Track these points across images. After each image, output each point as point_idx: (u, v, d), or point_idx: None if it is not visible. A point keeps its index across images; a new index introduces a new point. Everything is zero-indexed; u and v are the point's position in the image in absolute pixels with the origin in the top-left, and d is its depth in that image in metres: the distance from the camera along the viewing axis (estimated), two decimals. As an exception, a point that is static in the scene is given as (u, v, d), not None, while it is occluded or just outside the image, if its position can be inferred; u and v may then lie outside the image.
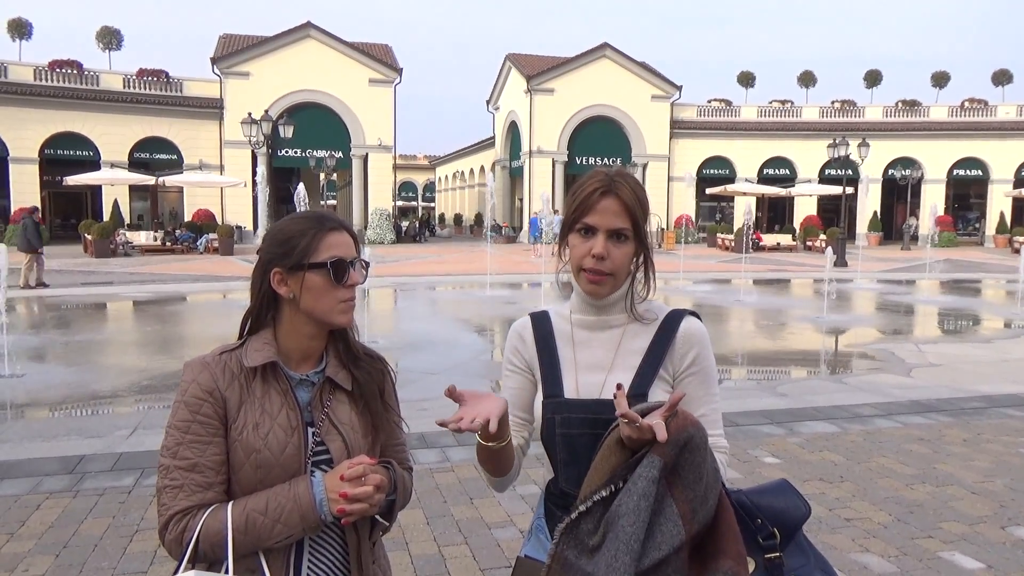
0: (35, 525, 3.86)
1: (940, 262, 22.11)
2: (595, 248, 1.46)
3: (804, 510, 1.43)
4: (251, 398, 1.42)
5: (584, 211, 1.47)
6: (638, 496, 1.24)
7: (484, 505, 4.16)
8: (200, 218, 30.46)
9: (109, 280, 17.83)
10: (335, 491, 1.35)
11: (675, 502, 1.26)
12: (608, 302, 1.54)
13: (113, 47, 34.17)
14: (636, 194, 1.49)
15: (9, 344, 8.12)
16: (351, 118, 33.59)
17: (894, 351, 9.58)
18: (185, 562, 1.32)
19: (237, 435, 1.39)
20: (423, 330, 11.21)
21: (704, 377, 1.53)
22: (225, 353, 1.46)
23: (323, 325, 1.48)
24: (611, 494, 1.29)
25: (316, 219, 1.48)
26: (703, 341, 1.54)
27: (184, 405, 1.40)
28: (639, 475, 1.26)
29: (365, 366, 1.55)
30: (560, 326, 1.61)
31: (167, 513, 1.36)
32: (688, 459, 1.28)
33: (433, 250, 31.01)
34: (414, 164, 69.78)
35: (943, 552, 3.60)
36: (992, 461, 4.97)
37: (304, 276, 1.43)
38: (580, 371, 1.54)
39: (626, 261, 1.50)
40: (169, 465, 1.38)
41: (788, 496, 1.44)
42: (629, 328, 1.55)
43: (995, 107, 39.40)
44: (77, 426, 6.11)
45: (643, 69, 37.65)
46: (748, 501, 1.41)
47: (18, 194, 29.69)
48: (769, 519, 1.39)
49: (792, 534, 1.40)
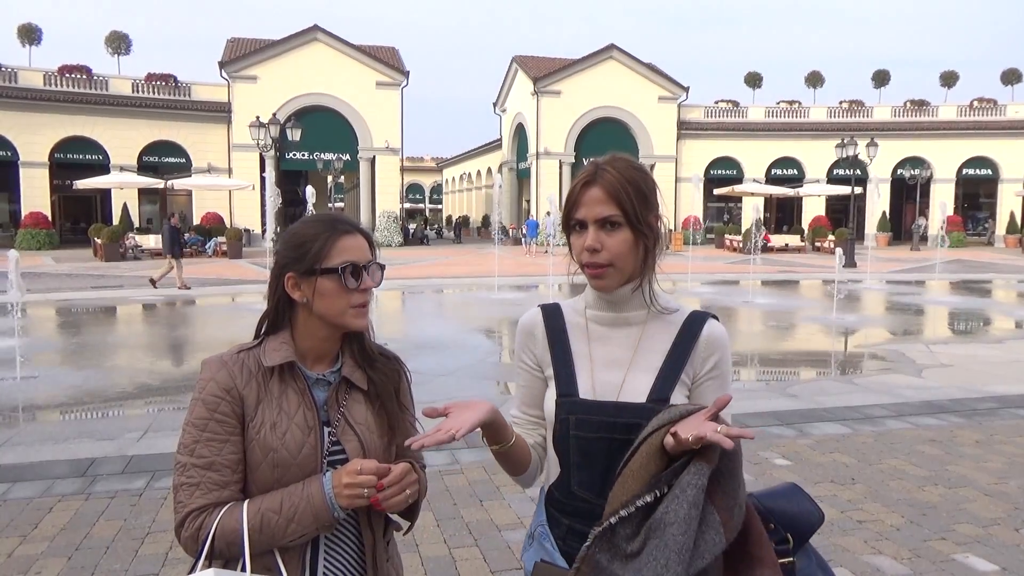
0: (47, 528, 3.88)
1: (950, 262, 22.00)
2: (587, 240, 1.40)
3: (817, 515, 1.40)
4: (269, 397, 1.42)
5: (573, 207, 1.42)
6: (688, 504, 1.21)
7: (494, 507, 4.16)
8: (209, 221, 30.60)
9: (119, 284, 17.93)
10: (340, 486, 1.35)
11: (716, 510, 1.23)
12: (621, 296, 1.45)
13: (122, 52, 34.35)
14: (623, 176, 1.40)
15: (21, 347, 8.17)
16: (358, 121, 33.68)
17: (904, 352, 9.52)
18: (202, 559, 1.33)
19: (255, 434, 1.40)
20: (432, 332, 11.22)
21: (722, 382, 1.47)
22: (243, 352, 1.47)
23: (337, 328, 1.48)
24: (655, 500, 1.26)
25: (329, 222, 1.47)
26: (725, 346, 1.47)
27: (202, 403, 1.40)
28: (688, 483, 1.23)
29: (381, 366, 1.55)
30: (573, 319, 1.52)
31: (183, 511, 1.36)
32: (727, 465, 1.26)
33: (440, 252, 31.04)
34: (421, 166, 69.93)
35: (956, 554, 3.58)
36: (1005, 462, 4.93)
37: (316, 281, 1.42)
38: (596, 368, 1.46)
39: (624, 248, 1.40)
40: (186, 463, 1.38)
41: (800, 501, 1.41)
42: (649, 325, 1.47)
43: (1004, 106, 39.20)
44: (88, 429, 6.14)
45: (650, 70, 37.61)
46: (760, 505, 1.38)
47: (28, 198, 29.92)
48: (782, 524, 1.37)
49: (805, 539, 1.38)
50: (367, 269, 1.46)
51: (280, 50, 33.01)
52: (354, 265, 1.43)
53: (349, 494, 1.35)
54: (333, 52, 33.50)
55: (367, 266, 1.46)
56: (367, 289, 1.45)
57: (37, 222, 28.58)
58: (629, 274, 1.44)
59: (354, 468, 1.36)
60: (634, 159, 1.48)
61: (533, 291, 17.51)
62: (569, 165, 36.52)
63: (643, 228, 1.41)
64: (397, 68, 34.67)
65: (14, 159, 29.91)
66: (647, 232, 1.42)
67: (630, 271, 1.43)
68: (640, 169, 1.45)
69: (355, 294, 1.44)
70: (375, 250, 1.51)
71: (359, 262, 1.44)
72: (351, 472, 1.35)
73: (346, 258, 1.43)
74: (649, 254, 1.44)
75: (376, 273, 1.47)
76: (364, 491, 1.34)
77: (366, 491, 1.34)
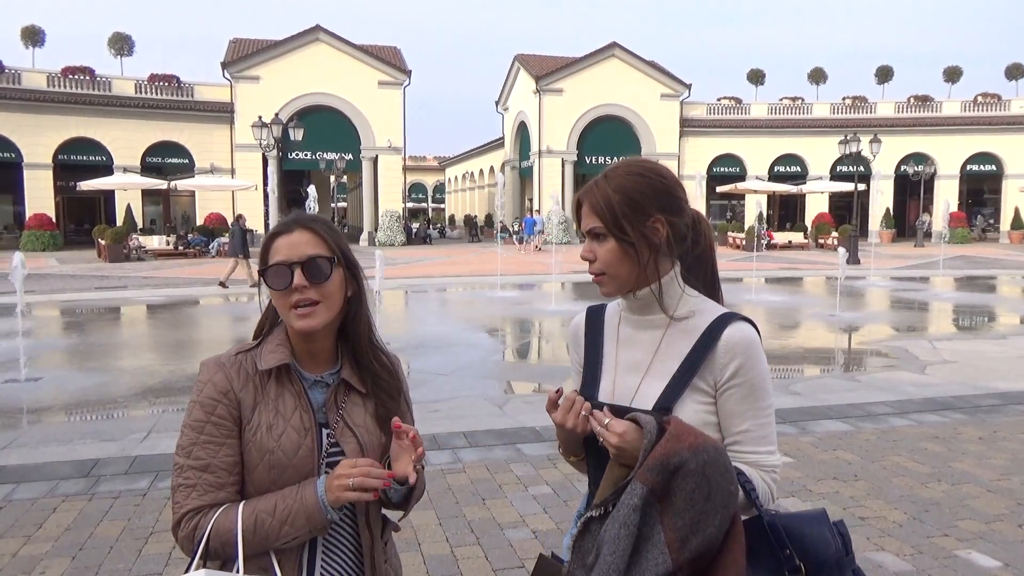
0: (52, 528, 3.89)
1: (954, 259, 21.94)
2: (584, 250, 1.48)
3: (832, 548, 1.33)
4: (265, 399, 1.43)
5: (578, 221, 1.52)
6: (619, 525, 1.23)
7: (496, 506, 4.17)
8: (212, 222, 30.64)
9: (123, 284, 17.97)
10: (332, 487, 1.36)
11: (663, 529, 1.23)
12: (644, 299, 1.45)
13: (125, 53, 34.39)
14: (614, 186, 1.41)
15: (25, 348, 8.20)
16: (361, 120, 33.69)
17: (908, 348, 9.51)
18: (197, 559, 1.34)
19: (251, 436, 1.40)
20: (434, 331, 11.23)
21: (749, 390, 1.38)
22: (241, 354, 1.47)
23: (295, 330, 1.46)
24: (602, 515, 1.30)
25: (280, 223, 1.49)
26: (749, 350, 1.39)
27: (199, 405, 1.41)
28: (622, 502, 1.25)
29: (380, 369, 1.54)
30: (612, 319, 1.55)
31: (180, 511, 1.38)
32: (680, 485, 1.23)
33: (443, 252, 31.05)
34: (424, 165, 69.92)
35: (959, 551, 3.57)
36: (1009, 459, 4.92)
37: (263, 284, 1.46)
38: (619, 372, 1.47)
39: (611, 257, 1.41)
40: (183, 464, 1.39)
41: (821, 529, 1.35)
42: (671, 330, 1.44)
43: (1008, 101, 39.01)
44: (92, 429, 6.16)
45: (652, 68, 37.55)
46: (781, 527, 1.33)
47: (32, 200, 30.00)
48: (799, 549, 1.31)
49: (818, 571, 1.31)
50: (303, 267, 1.40)
51: (282, 50, 33.03)
52: (279, 265, 1.40)
53: (338, 484, 1.34)
54: (335, 52, 33.51)
55: (304, 264, 1.40)
56: (299, 288, 1.39)
57: (41, 224, 28.65)
58: (626, 280, 1.44)
59: (348, 463, 1.37)
60: (644, 162, 1.49)
61: (536, 289, 17.51)
62: (571, 163, 36.49)
63: (627, 237, 1.40)
64: (399, 67, 34.68)
65: (18, 161, 29.98)
66: (635, 241, 1.40)
67: (625, 277, 1.43)
68: (641, 174, 1.44)
69: (293, 294, 1.40)
70: (329, 243, 1.44)
71: (287, 260, 1.40)
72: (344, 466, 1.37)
73: (278, 259, 1.42)
74: (650, 260, 1.41)
75: (316, 270, 1.40)
76: (350, 482, 1.33)
77: (351, 481, 1.33)
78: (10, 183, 30.95)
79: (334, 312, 1.45)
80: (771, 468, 1.41)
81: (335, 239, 1.47)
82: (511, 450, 5.14)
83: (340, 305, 1.46)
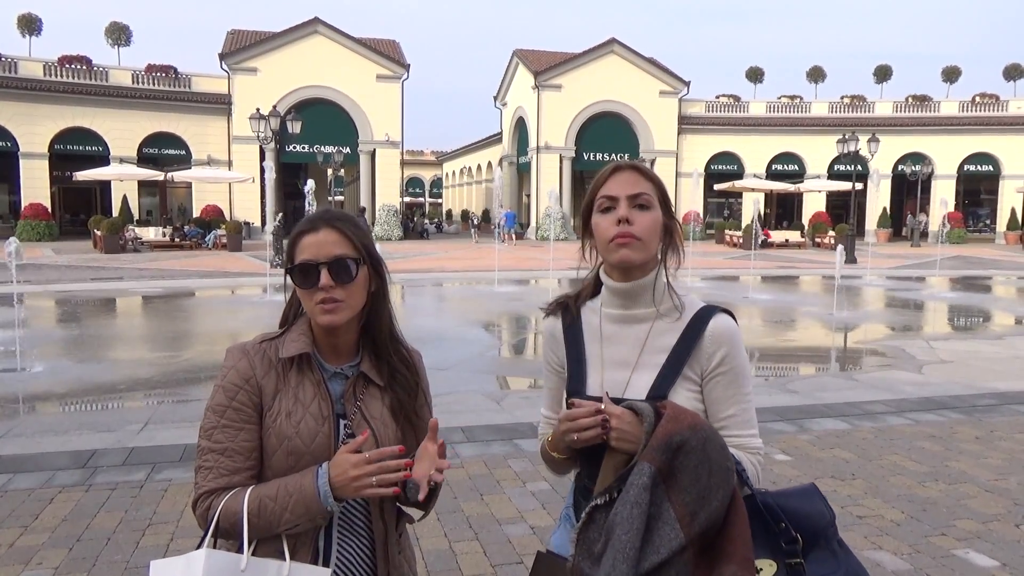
0: (48, 519, 3.88)
1: (951, 259, 22.00)
2: (619, 211, 1.45)
3: (828, 516, 1.41)
4: (286, 387, 1.47)
5: (601, 188, 1.50)
6: (630, 505, 1.27)
7: (494, 501, 4.17)
8: (208, 214, 30.54)
9: (119, 276, 17.92)
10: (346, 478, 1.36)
11: (672, 506, 1.28)
12: (634, 291, 1.49)
13: (122, 43, 34.25)
14: (653, 172, 1.54)
15: (21, 339, 8.16)
16: (358, 114, 33.63)
17: (905, 348, 9.53)
18: (207, 538, 1.38)
19: (271, 422, 1.44)
20: (431, 326, 11.21)
21: (734, 377, 1.47)
22: (265, 342, 1.51)
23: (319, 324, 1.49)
24: (607, 502, 1.32)
25: (306, 221, 1.51)
26: (732, 340, 1.48)
27: (222, 390, 1.45)
28: (631, 483, 1.29)
29: (398, 363, 1.56)
30: (589, 319, 1.57)
31: (198, 491, 1.43)
32: (683, 463, 1.29)
33: (440, 247, 31.03)
34: (421, 160, 69.77)
35: (957, 550, 3.58)
36: (1005, 458, 4.94)
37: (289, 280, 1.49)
38: (606, 368, 1.51)
39: (653, 227, 1.47)
40: (204, 446, 1.44)
41: (814, 501, 1.42)
42: (657, 324, 1.51)
43: (1006, 102, 39.11)
44: (89, 421, 6.15)
45: (651, 65, 37.54)
46: (773, 503, 1.39)
47: (28, 189, 29.90)
48: (793, 524, 1.37)
49: (815, 540, 1.38)
50: (329, 267, 1.43)
51: (280, 42, 32.94)
52: (306, 264, 1.44)
53: (357, 485, 1.36)
54: (334, 45, 33.43)
55: (330, 264, 1.43)
56: (325, 287, 1.42)
57: (37, 213, 28.58)
58: (651, 255, 1.49)
59: (360, 458, 1.37)
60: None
61: (533, 285, 17.50)
62: (569, 159, 36.48)
63: (671, 215, 1.51)
64: (398, 61, 34.60)
65: (14, 150, 29.87)
66: (669, 223, 1.51)
67: (652, 251, 1.49)
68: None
69: (317, 291, 1.43)
70: (355, 242, 1.47)
71: (313, 260, 1.43)
72: (358, 463, 1.36)
73: (304, 257, 1.45)
74: (668, 246, 1.52)
75: (342, 269, 1.43)
76: (373, 479, 1.36)
77: (375, 479, 1.36)
78: (6, 172, 30.87)
79: (358, 308, 1.49)
80: (755, 450, 1.50)
81: (360, 238, 1.50)
82: (509, 445, 5.13)
83: (363, 302, 1.50)
